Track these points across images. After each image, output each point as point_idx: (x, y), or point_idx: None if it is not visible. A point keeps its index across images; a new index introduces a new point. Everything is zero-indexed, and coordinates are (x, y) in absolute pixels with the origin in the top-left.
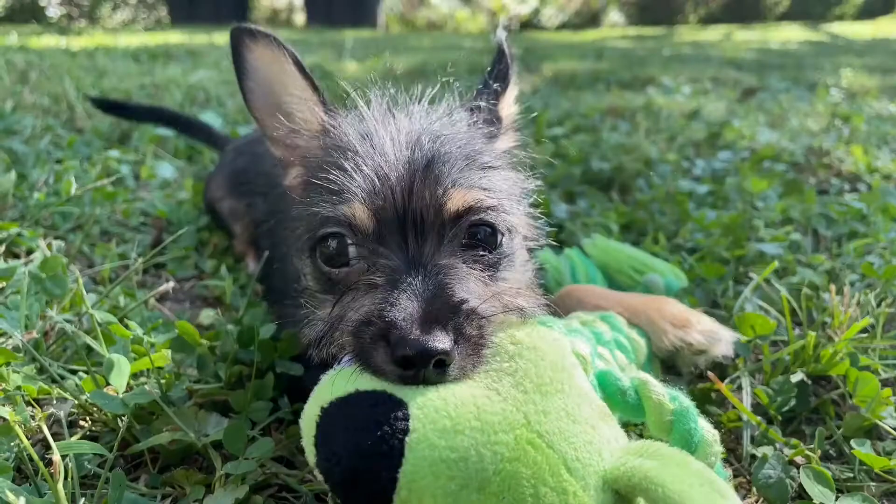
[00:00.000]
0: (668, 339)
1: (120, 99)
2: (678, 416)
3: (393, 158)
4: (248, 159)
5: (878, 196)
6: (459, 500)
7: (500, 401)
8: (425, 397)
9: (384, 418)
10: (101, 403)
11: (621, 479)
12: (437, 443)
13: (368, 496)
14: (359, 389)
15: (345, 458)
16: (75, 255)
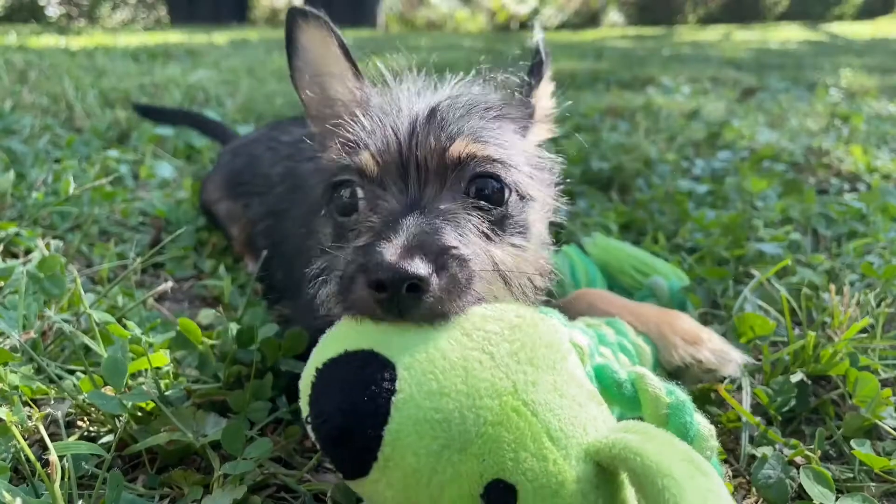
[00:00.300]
0: (678, 354)
1: (157, 105)
2: (674, 409)
3: (405, 110)
4: (245, 160)
5: (877, 196)
6: (441, 460)
7: (493, 366)
8: (413, 359)
9: (372, 379)
10: (99, 404)
11: (602, 451)
12: (423, 404)
13: (354, 452)
14: (347, 350)
15: (333, 417)
16: (74, 254)
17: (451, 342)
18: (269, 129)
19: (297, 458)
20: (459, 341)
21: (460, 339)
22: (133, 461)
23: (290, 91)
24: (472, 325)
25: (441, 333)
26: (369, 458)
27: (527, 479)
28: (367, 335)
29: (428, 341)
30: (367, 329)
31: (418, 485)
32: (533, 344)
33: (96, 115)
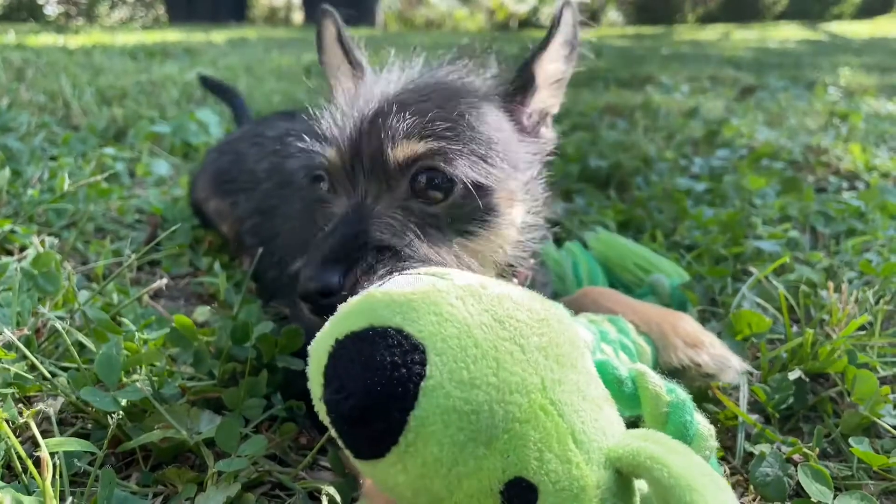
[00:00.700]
0: (678, 355)
1: (217, 80)
2: (674, 408)
3: (355, 111)
4: (231, 158)
5: (876, 194)
6: (464, 452)
7: (523, 360)
8: (446, 344)
9: (401, 360)
10: (92, 401)
11: (625, 458)
12: (453, 392)
13: (374, 434)
14: (374, 325)
15: (356, 394)
16: (69, 251)
17: (483, 328)
18: (255, 125)
19: (292, 455)
20: (491, 328)
21: (492, 325)
22: (126, 458)
23: (288, 89)
24: (505, 311)
25: (473, 317)
26: (389, 442)
27: (549, 481)
28: (395, 310)
29: (460, 324)
30: (396, 303)
31: (436, 474)
32: (559, 340)
33: (93, 113)
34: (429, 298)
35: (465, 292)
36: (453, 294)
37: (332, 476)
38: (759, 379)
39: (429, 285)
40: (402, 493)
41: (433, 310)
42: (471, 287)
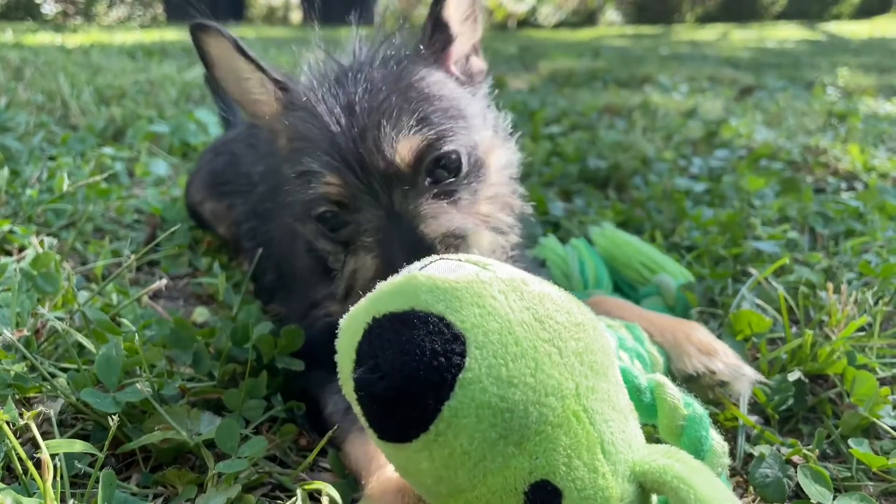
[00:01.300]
0: (692, 363)
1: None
2: (690, 421)
3: (339, 133)
4: (226, 159)
5: (874, 194)
6: (494, 448)
7: (560, 364)
8: (487, 338)
9: (441, 348)
10: (92, 402)
11: (650, 474)
12: (490, 388)
13: (405, 418)
14: (415, 309)
15: (392, 377)
16: (68, 252)
17: (524, 326)
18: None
19: (292, 456)
20: (532, 327)
21: (533, 324)
22: (127, 460)
23: None
24: (545, 311)
25: (515, 314)
26: (418, 428)
27: (575, 488)
28: (438, 297)
29: (502, 319)
30: (439, 289)
31: (462, 466)
32: (593, 346)
33: (91, 113)
34: (472, 289)
35: (508, 287)
36: (496, 287)
37: (332, 477)
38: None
39: (472, 275)
40: (421, 480)
41: (476, 301)
42: (513, 281)
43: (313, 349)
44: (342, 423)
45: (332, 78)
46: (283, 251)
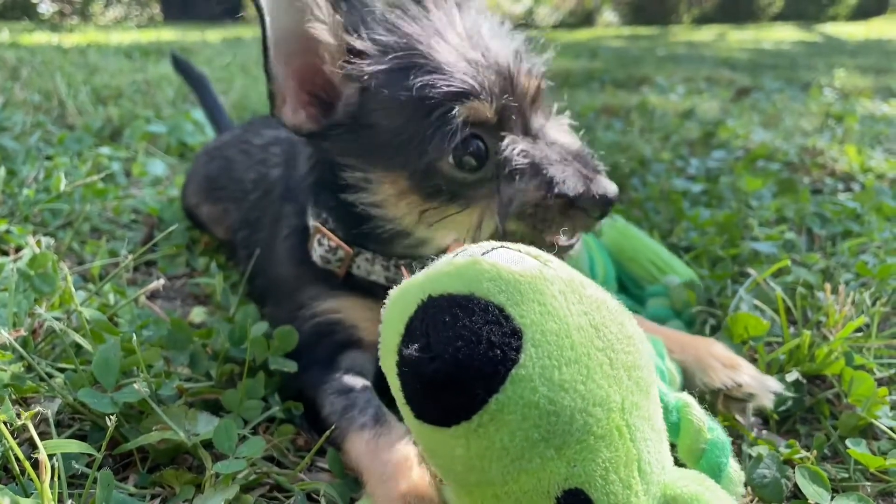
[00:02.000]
0: (718, 376)
1: (190, 65)
2: (712, 446)
3: (490, 49)
4: (221, 164)
5: (871, 195)
6: (533, 449)
7: (611, 375)
8: (544, 337)
9: (498, 340)
10: (90, 402)
11: (680, 499)
12: (540, 389)
13: (450, 404)
14: (475, 294)
15: (444, 360)
16: (65, 252)
17: (581, 332)
18: (242, 131)
19: (290, 456)
20: (588, 334)
21: (589, 330)
22: (124, 460)
23: None
24: (601, 319)
25: (573, 317)
26: (461, 416)
27: (608, 502)
28: (500, 287)
29: (561, 321)
30: (503, 279)
31: (497, 460)
32: (640, 362)
33: (88, 112)
34: (535, 285)
35: (568, 287)
36: (557, 286)
37: (330, 477)
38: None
39: (535, 269)
40: (450, 466)
41: (538, 298)
42: (573, 282)
43: (305, 351)
44: (340, 423)
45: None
46: (267, 255)
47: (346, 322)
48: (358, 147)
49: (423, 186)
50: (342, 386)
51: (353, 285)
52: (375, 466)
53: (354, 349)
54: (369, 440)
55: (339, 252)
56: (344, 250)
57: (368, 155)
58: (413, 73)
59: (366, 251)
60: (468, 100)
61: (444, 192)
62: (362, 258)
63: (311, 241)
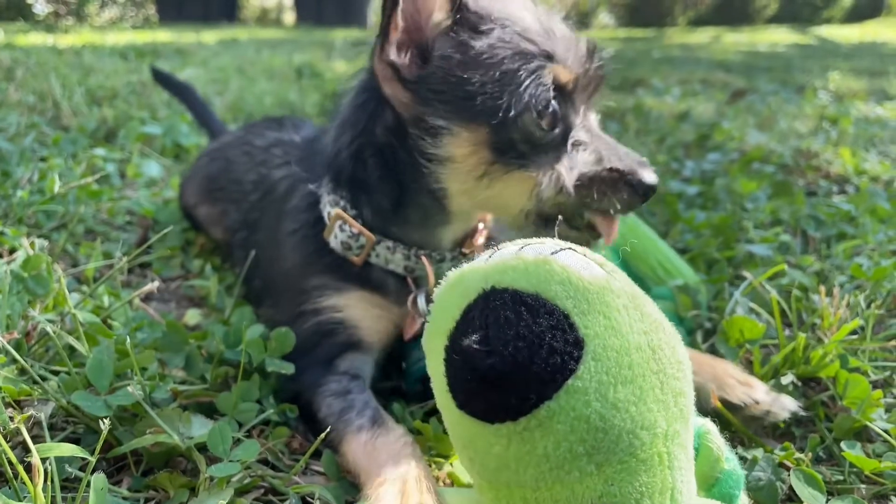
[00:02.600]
0: (736, 394)
1: (171, 75)
2: (727, 476)
3: (568, 35)
4: (221, 165)
5: (865, 198)
6: (575, 461)
7: (661, 399)
8: (605, 352)
9: (560, 347)
10: (84, 405)
11: None
12: (594, 404)
13: (499, 402)
14: (542, 296)
15: (502, 357)
16: (59, 254)
17: (639, 352)
18: (244, 132)
19: (285, 460)
20: (645, 355)
21: (646, 351)
22: (118, 463)
23: (279, 90)
24: (658, 341)
25: (634, 336)
26: (508, 416)
27: None
28: (569, 292)
29: (623, 338)
30: (572, 285)
31: (535, 466)
32: (686, 389)
33: (83, 114)
34: (602, 296)
35: (632, 303)
36: (622, 300)
37: (325, 481)
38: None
39: (603, 280)
40: (483, 461)
41: (603, 311)
42: (636, 298)
43: (303, 352)
44: (337, 426)
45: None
46: (267, 257)
47: (348, 322)
48: (445, 96)
49: (500, 140)
50: (340, 388)
51: (363, 279)
52: (373, 468)
53: (354, 351)
54: (367, 442)
55: (362, 238)
56: (366, 236)
57: (453, 105)
58: (507, 32)
59: (387, 240)
60: (554, 62)
61: (513, 150)
62: (383, 246)
63: (329, 228)
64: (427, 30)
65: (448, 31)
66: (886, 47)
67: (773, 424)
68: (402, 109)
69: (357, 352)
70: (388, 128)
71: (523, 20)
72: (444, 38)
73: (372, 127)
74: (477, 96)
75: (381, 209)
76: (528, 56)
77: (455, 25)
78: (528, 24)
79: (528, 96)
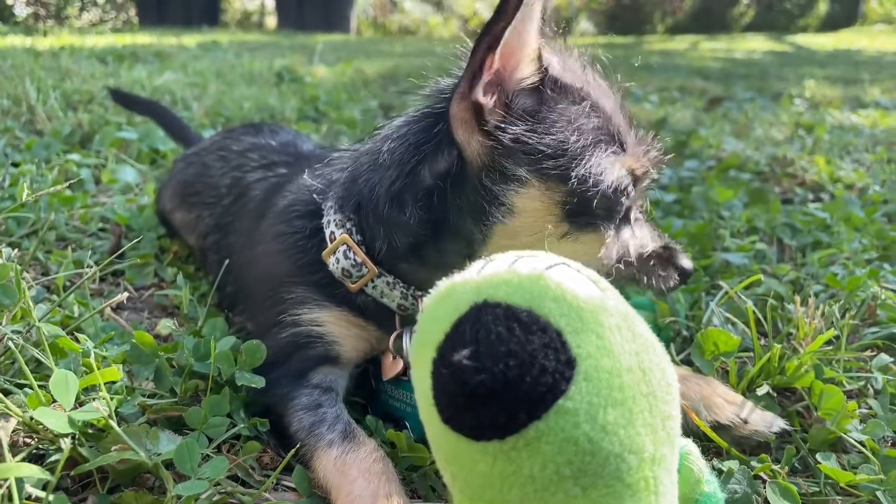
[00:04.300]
0: (725, 413)
1: (132, 94)
2: (706, 498)
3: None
4: (197, 170)
5: (840, 205)
6: (560, 484)
7: (650, 423)
8: (597, 373)
9: (552, 366)
10: (47, 421)
11: None
12: (583, 426)
13: (487, 420)
14: (534, 312)
15: (493, 375)
16: (29, 262)
17: (630, 374)
18: (222, 138)
19: (256, 475)
20: (636, 377)
21: (637, 373)
22: (83, 481)
23: (259, 95)
24: (649, 363)
25: (625, 357)
26: (495, 434)
27: None
28: (563, 311)
29: (615, 359)
30: (566, 303)
31: (520, 487)
32: (675, 413)
33: (58, 118)
34: (596, 315)
35: (624, 323)
36: (615, 319)
37: (296, 496)
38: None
39: (597, 298)
40: (466, 478)
41: (597, 330)
42: (627, 318)
43: (276, 363)
44: (308, 440)
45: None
46: (242, 260)
47: (328, 337)
48: (527, 147)
49: (573, 203)
50: (311, 402)
51: (349, 301)
52: (343, 485)
53: (329, 365)
54: (337, 458)
55: (364, 269)
56: (369, 268)
57: (534, 158)
58: (591, 109)
59: (388, 275)
60: (627, 154)
61: (585, 215)
62: (383, 280)
63: (330, 251)
64: (512, 81)
65: (534, 86)
66: (860, 55)
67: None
68: (475, 156)
69: (332, 366)
70: (440, 173)
71: (605, 105)
72: (528, 92)
73: (420, 170)
74: (560, 157)
75: (398, 246)
76: (610, 139)
77: (542, 83)
78: (609, 110)
79: (610, 176)
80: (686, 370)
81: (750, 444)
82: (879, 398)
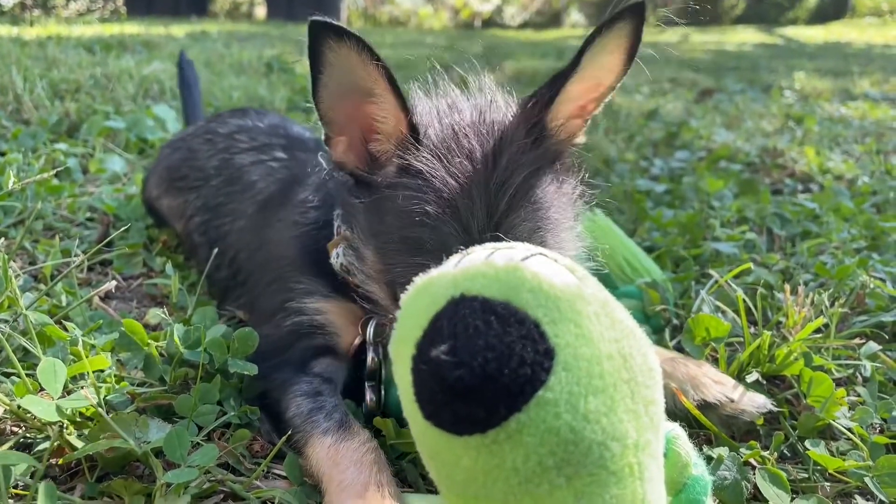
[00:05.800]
0: (712, 392)
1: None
2: (694, 482)
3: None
4: (183, 154)
5: (829, 196)
6: (544, 475)
7: (632, 409)
8: (576, 362)
9: (530, 358)
10: (34, 410)
11: None
12: (564, 416)
13: (467, 415)
14: (512, 304)
15: (471, 369)
16: (16, 251)
17: (610, 361)
18: (208, 122)
19: (246, 463)
20: (617, 363)
21: (618, 359)
22: (72, 469)
23: (248, 85)
24: (629, 349)
25: (605, 344)
26: (476, 428)
27: None
28: (539, 301)
29: (594, 347)
30: (542, 293)
31: (504, 480)
32: (657, 397)
33: (45, 107)
34: (573, 304)
35: (602, 310)
36: (593, 307)
37: (287, 485)
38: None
39: (574, 287)
40: (451, 474)
41: (574, 319)
42: (606, 305)
43: (279, 350)
44: (304, 427)
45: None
46: (243, 244)
47: (329, 327)
48: (370, 218)
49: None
50: (311, 389)
51: (351, 291)
52: (335, 473)
53: (329, 356)
54: (330, 446)
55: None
56: None
57: (374, 230)
58: (427, 200)
59: None
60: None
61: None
62: None
63: (333, 244)
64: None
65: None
66: (850, 48)
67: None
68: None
69: (332, 357)
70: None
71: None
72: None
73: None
74: (394, 241)
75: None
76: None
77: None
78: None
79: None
80: (674, 354)
81: (737, 425)
82: (868, 386)
